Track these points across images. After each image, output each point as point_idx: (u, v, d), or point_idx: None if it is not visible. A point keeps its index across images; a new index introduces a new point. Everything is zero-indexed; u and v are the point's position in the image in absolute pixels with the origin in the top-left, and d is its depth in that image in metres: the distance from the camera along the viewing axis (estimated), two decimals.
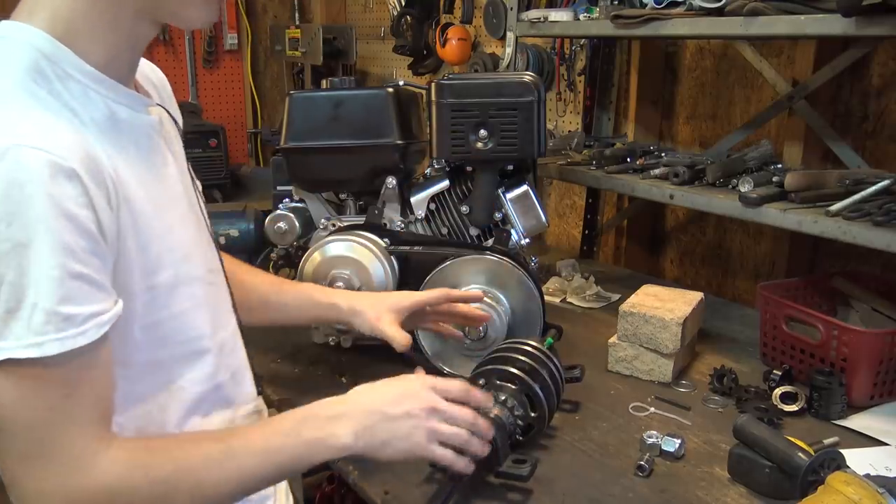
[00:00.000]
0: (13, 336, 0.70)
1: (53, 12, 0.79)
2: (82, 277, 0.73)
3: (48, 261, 0.70)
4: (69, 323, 0.72)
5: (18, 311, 0.70)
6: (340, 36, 3.44)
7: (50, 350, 0.71)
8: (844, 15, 1.24)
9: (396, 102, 1.49)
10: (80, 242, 0.72)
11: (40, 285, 0.70)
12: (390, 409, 0.93)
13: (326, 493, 2.07)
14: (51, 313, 0.71)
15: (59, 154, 0.71)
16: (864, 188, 1.39)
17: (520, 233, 1.49)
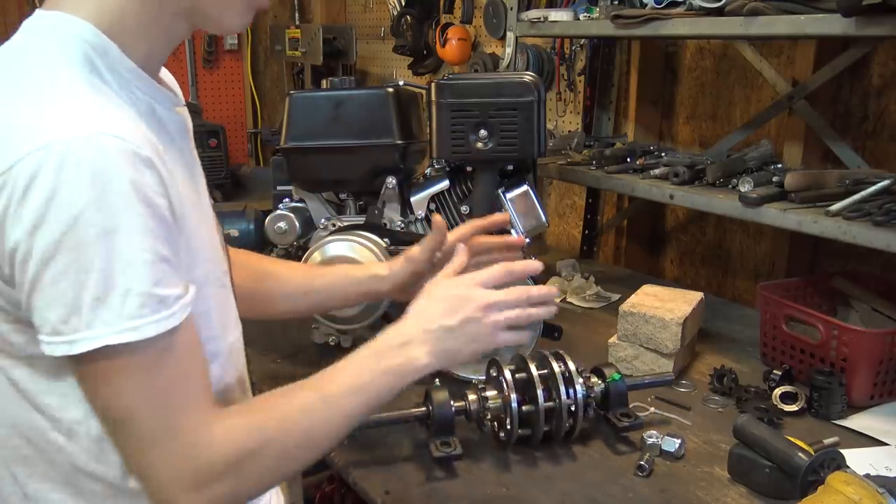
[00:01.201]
0: (103, 323, 0.70)
1: (100, 6, 0.79)
2: (167, 261, 0.74)
3: (139, 244, 0.71)
4: (162, 305, 0.73)
5: (108, 298, 0.70)
6: (340, 36, 3.44)
7: (147, 332, 0.72)
8: (844, 15, 1.24)
9: (396, 102, 1.49)
10: (160, 226, 0.73)
11: (133, 270, 0.70)
12: (450, 321, 0.96)
13: (326, 493, 2.07)
14: (146, 296, 0.71)
15: (135, 143, 0.72)
16: (864, 188, 1.39)
17: (520, 233, 1.49)
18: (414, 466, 1.16)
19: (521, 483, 1.12)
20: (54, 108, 0.72)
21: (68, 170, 0.68)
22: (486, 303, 0.98)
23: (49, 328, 0.71)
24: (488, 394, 1.20)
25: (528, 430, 1.19)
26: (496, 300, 0.99)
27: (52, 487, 0.84)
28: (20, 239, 0.70)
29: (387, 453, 1.20)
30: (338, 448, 1.21)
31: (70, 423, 0.81)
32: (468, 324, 0.97)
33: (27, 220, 0.69)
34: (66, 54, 0.76)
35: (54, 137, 0.69)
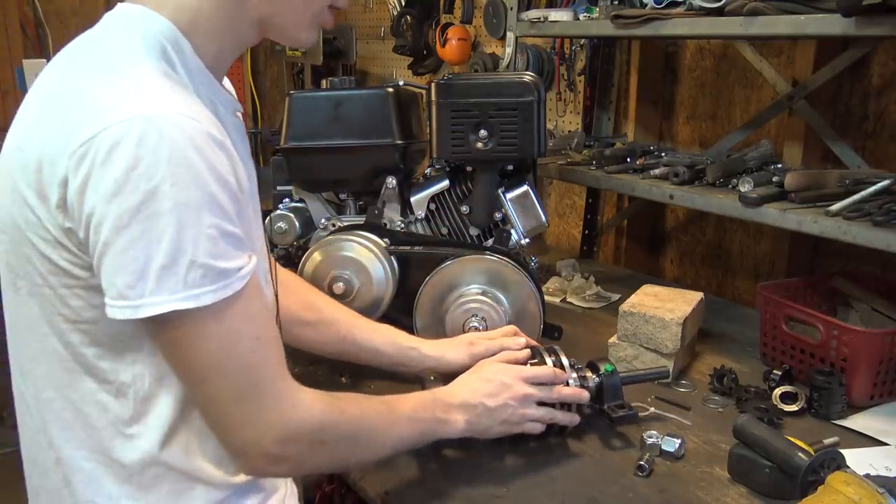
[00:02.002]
0: (167, 290, 0.75)
1: (179, 5, 0.84)
2: (232, 236, 0.79)
3: (206, 220, 0.76)
4: (222, 276, 0.78)
5: (174, 267, 0.75)
6: (340, 36, 3.44)
7: (205, 300, 0.77)
8: (844, 15, 1.24)
9: (396, 102, 1.49)
10: (231, 204, 0.79)
11: (199, 243, 0.75)
12: (491, 402, 1.10)
13: (326, 493, 2.07)
14: (207, 267, 0.76)
15: (209, 125, 0.78)
16: (864, 188, 1.39)
17: (520, 233, 1.50)
18: (414, 466, 1.16)
19: (521, 483, 1.12)
20: (136, 88, 0.77)
21: (149, 143, 0.73)
22: (524, 395, 1.12)
23: (115, 292, 0.76)
24: None
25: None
26: (531, 393, 1.13)
27: (86, 456, 0.87)
28: (97, 204, 0.74)
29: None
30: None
31: (120, 385, 0.85)
32: (504, 409, 1.11)
33: (106, 187, 0.73)
34: (145, 45, 0.82)
35: (137, 112, 0.74)
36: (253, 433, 0.84)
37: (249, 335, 0.82)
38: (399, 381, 1.44)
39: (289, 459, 0.88)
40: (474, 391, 1.10)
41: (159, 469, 0.88)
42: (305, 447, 0.88)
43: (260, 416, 0.84)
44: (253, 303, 0.83)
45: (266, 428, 0.84)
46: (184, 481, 0.90)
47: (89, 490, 0.88)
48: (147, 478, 0.88)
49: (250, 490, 0.97)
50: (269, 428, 0.84)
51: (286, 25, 0.91)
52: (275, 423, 0.85)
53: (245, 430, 0.84)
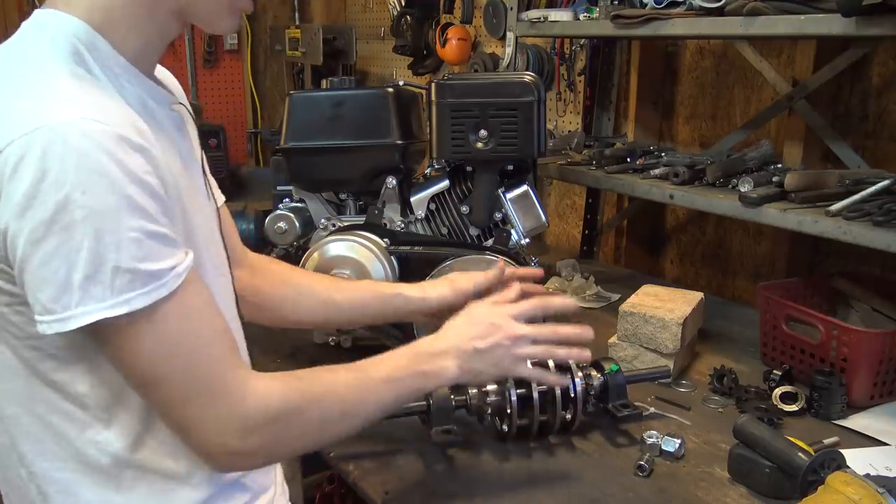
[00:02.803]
0: (94, 299, 0.73)
1: (91, 3, 0.82)
2: (158, 236, 0.77)
3: (126, 224, 0.73)
4: (152, 278, 0.76)
5: (98, 275, 0.73)
6: (340, 36, 3.44)
7: (137, 304, 0.75)
8: (844, 15, 1.24)
9: (396, 102, 1.49)
10: (152, 204, 0.76)
11: (120, 248, 0.73)
12: (481, 344, 1.04)
13: (326, 493, 2.07)
14: (134, 272, 0.74)
15: (121, 127, 0.75)
16: (864, 188, 1.39)
17: (520, 233, 1.49)
18: (414, 466, 1.16)
19: (521, 482, 1.12)
20: (41, 97, 0.75)
21: (54, 153, 0.71)
22: (514, 334, 1.06)
23: (40, 307, 0.74)
24: (489, 387, 1.21)
25: (526, 419, 1.20)
26: (525, 333, 1.06)
27: (59, 466, 0.86)
28: (10, 220, 0.72)
29: (387, 453, 1.20)
30: (338, 447, 1.21)
31: (79, 396, 0.84)
32: (496, 349, 1.05)
33: (16, 203, 0.72)
34: (54, 48, 0.79)
35: (40, 123, 0.72)
36: (211, 432, 0.83)
37: (191, 334, 0.81)
38: None
39: (255, 451, 0.87)
40: (463, 335, 1.05)
41: (135, 471, 0.87)
42: (269, 436, 0.87)
43: (214, 414, 0.82)
44: (193, 300, 0.81)
45: (222, 425, 0.83)
46: (162, 482, 0.89)
47: (66, 500, 0.87)
48: (124, 480, 0.87)
49: (235, 490, 0.96)
50: (225, 424, 0.83)
51: (205, 13, 0.89)
52: (230, 419, 0.83)
53: (202, 430, 0.82)
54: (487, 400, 1.21)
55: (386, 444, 1.22)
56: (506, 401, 1.19)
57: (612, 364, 1.28)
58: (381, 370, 0.99)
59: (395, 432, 1.25)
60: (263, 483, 1.03)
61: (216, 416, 0.82)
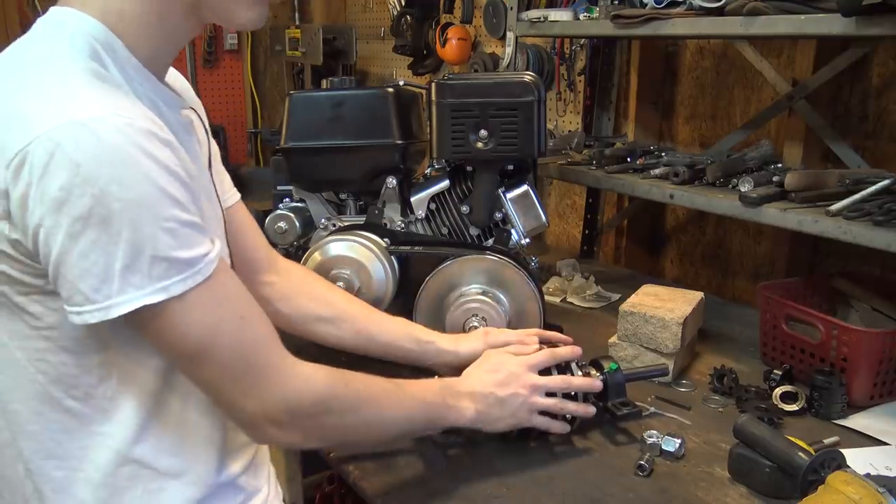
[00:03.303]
0: (134, 287, 0.75)
1: (106, 4, 0.83)
2: (191, 224, 0.79)
3: (161, 214, 0.75)
4: (188, 265, 0.78)
5: (136, 265, 0.75)
6: (340, 36, 3.44)
7: (175, 291, 0.77)
8: (844, 15, 1.24)
9: (396, 102, 1.49)
10: (184, 193, 0.78)
11: (157, 237, 0.75)
12: (500, 392, 1.10)
13: (326, 493, 2.07)
14: (171, 260, 0.77)
15: (147, 122, 0.77)
16: (864, 188, 1.39)
17: (520, 233, 1.49)
18: (414, 466, 1.16)
19: (521, 483, 1.12)
20: (65, 92, 0.76)
21: (87, 148, 0.72)
22: (532, 384, 1.12)
23: (81, 297, 0.75)
24: None
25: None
26: (541, 384, 1.13)
27: (56, 464, 0.87)
28: (45, 215, 0.73)
29: (387, 453, 1.20)
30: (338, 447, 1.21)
31: (87, 388, 0.85)
32: (515, 399, 1.11)
33: (52, 199, 0.72)
34: (72, 46, 0.80)
35: (69, 118, 0.73)
36: (258, 406, 0.86)
37: (232, 316, 0.83)
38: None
39: (298, 428, 0.90)
40: (483, 381, 1.11)
41: (132, 468, 0.88)
42: (312, 417, 0.90)
43: (262, 390, 0.86)
44: (229, 284, 0.85)
45: (271, 399, 0.86)
46: (158, 480, 0.89)
47: (60, 498, 0.87)
48: (120, 479, 0.88)
49: (229, 489, 0.97)
50: (273, 399, 0.86)
51: (222, 5, 0.87)
52: (278, 394, 0.87)
53: (250, 406, 0.85)
54: None
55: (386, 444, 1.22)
56: None
57: (612, 363, 1.28)
58: (416, 390, 1.04)
59: None
60: (257, 484, 1.03)
61: (265, 390, 0.85)
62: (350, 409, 0.95)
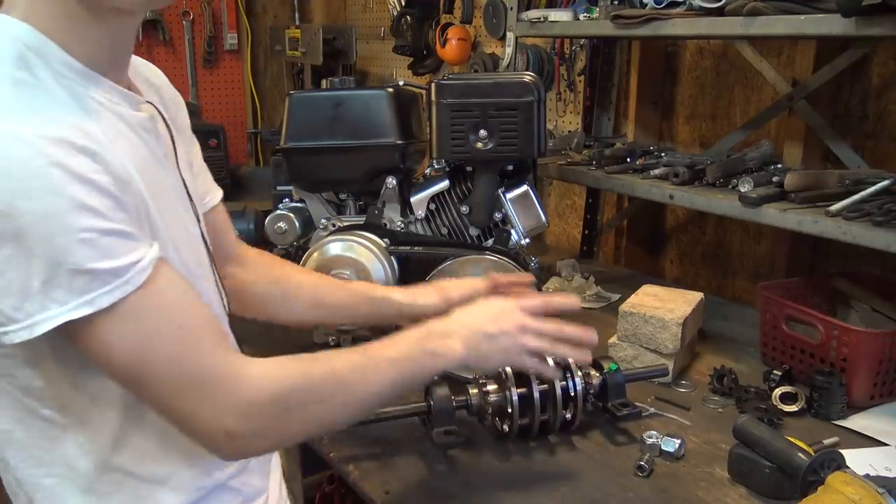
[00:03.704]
0: (56, 303, 0.72)
1: (38, 9, 0.80)
2: (113, 233, 0.75)
3: (77, 224, 0.72)
4: (113, 275, 0.74)
5: (56, 279, 0.72)
6: (340, 36, 3.44)
7: (102, 303, 0.74)
8: (844, 15, 1.24)
9: (396, 102, 1.49)
10: (104, 201, 0.74)
11: (74, 249, 0.72)
12: (490, 328, 1.05)
13: (326, 493, 2.07)
14: (93, 271, 0.73)
15: (62, 130, 0.74)
16: (864, 188, 1.39)
17: (520, 233, 1.49)
18: (414, 466, 1.16)
19: (521, 483, 1.12)
20: None
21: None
22: (523, 323, 1.07)
23: (3, 317, 0.73)
24: (489, 388, 1.21)
25: (527, 419, 1.20)
26: (533, 325, 1.08)
27: (45, 472, 0.86)
28: None
29: (387, 453, 1.20)
30: (338, 447, 1.21)
31: (60, 399, 0.83)
32: (504, 336, 1.05)
33: None
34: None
35: None
36: (208, 420, 0.81)
37: (169, 326, 0.79)
38: None
39: (258, 434, 0.85)
40: (474, 318, 1.07)
41: (116, 475, 0.87)
42: (270, 419, 0.85)
43: (210, 402, 0.81)
44: (166, 292, 0.80)
45: (220, 411, 0.82)
46: (143, 487, 0.88)
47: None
48: (106, 485, 0.87)
49: (222, 493, 0.96)
50: (223, 410, 0.82)
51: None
52: (227, 405, 0.82)
53: (201, 420, 0.81)
54: (488, 400, 1.21)
55: (386, 444, 1.23)
56: (507, 401, 1.19)
57: (611, 363, 1.28)
58: (387, 350, 0.98)
59: (395, 432, 1.25)
60: (258, 486, 1.02)
61: (212, 403, 0.81)
62: (314, 399, 0.89)
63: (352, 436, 1.24)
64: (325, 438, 1.23)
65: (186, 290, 0.83)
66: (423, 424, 1.25)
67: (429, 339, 1.01)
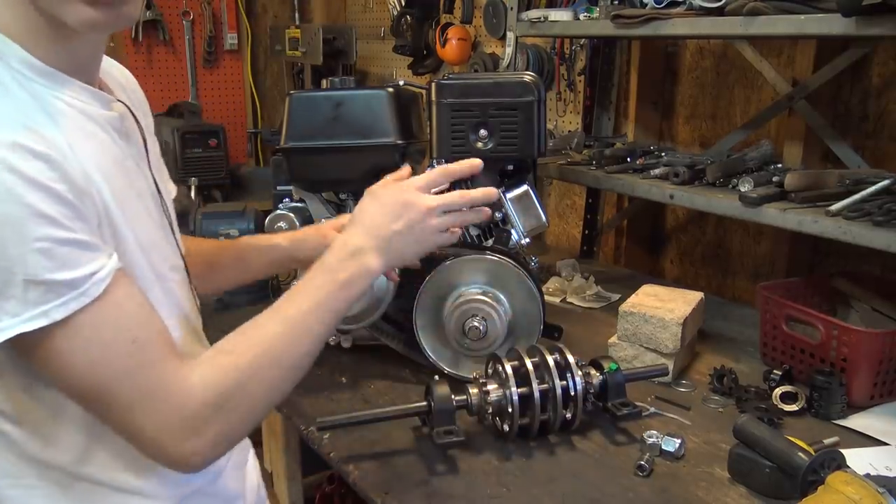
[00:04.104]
0: (8, 315, 0.71)
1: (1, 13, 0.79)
2: (70, 242, 0.73)
3: (31, 234, 0.71)
4: (69, 287, 0.73)
5: (9, 290, 0.71)
6: (340, 36, 3.44)
7: (56, 315, 0.73)
8: (844, 15, 1.24)
9: (396, 102, 1.49)
10: (61, 209, 0.73)
11: (28, 260, 0.71)
12: (395, 225, 1.03)
13: (326, 493, 2.07)
14: (48, 283, 0.72)
15: (18, 135, 0.72)
16: (864, 188, 1.39)
17: (520, 233, 1.49)
18: (414, 467, 1.16)
19: (521, 483, 1.12)
20: None
21: None
22: (427, 207, 1.05)
23: None
24: (489, 387, 1.21)
25: (527, 418, 1.20)
26: (437, 203, 1.06)
27: (10, 483, 0.85)
28: None
29: (387, 453, 1.20)
30: (338, 447, 1.21)
31: (13, 413, 0.82)
32: (413, 227, 1.04)
33: None
34: None
35: None
36: (161, 435, 0.81)
37: (124, 339, 0.78)
38: (399, 381, 1.45)
39: (212, 441, 0.84)
40: (377, 222, 1.03)
41: (86, 485, 0.86)
42: (220, 423, 0.84)
43: (160, 417, 0.80)
44: (124, 304, 0.79)
45: (171, 426, 0.81)
46: (118, 496, 0.88)
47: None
48: (78, 494, 0.86)
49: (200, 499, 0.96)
50: (174, 425, 0.81)
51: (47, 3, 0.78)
52: (176, 419, 0.81)
53: (152, 435, 0.80)
54: (488, 399, 1.21)
55: (386, 444, 1.22)
56: (507, 400, 1.19)
57: (611, 363, 1.28)
58: (302, 302, 0.94)
59: (395, 432, 1.25)
60: (235, 490, 1.02)
61: (163, 418, 0.80)
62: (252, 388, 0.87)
63: (352, 436, 1.24)
64: (325, 438, 1.23)
65: (143, 302, 0.82)
66: (423, 424, 1.25)
67: (338, 268, 0.97)
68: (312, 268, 0.98)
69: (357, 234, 1.02)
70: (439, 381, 1.22)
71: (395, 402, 1.35)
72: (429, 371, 1.43)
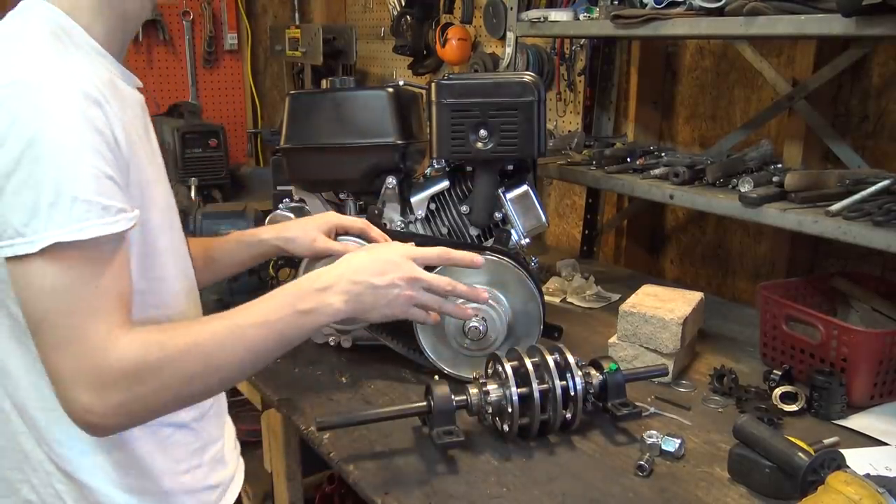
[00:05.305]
0: (55, 224, 0.80)
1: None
2: (112, 179, 0.84)
3: (85, 160, 0.82)
4: (106, 212, 0.83)
5: (59, 202, 0.80)
6: (340, 36, 3.44)
7: (91, 233, 0.82)
8: (844, 15, 1.24)
9: (396, 102, 1.49)
10: (108, 153, 0.84)
11: (79, 180, 0.81)
12: (376, 280, 1.04)
13: (326, 493, 2.07)
14: (91, 203, 0.82)
15: (85, 84, 0.84)
16: (864, 188, 1.39)
17: (520, 233, 1.49)
18: (414, 467, 1.16)
19: (521, 483, 1.12)
20: (17, 56, 0.85)
21: (26, 102, 0.81)
22: (411, 276, 1.06)
23: (12, 231, 0.81)
24: (489, 387, 1.21)
25: (527, 418, 1.20)
26: (422, 277, 1.08)
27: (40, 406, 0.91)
28: None
29: (387, 453, 1.20)
30: (338, 447, 1.21)
31: None
32: (390, 288, 1.05)
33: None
34: (35, 27, 0.89)
35: (16, 77, 0.82)
36: (68, 382, 0.83)
37: (92, 280, 0.84)
38: (399, 381, 1.45)
39: (112, 409, 0.85)
40: (358, 269, 1.04)
41: None
42: (125, 393, 0.85)
43: (72, 364, 0.83)
44: (123, 252, 0.87)
45: (78, 376, 0.83)
46: None
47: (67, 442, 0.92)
48: None
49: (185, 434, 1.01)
50: (81, 376, 0.83)
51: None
52: (86, 371, 0.83)
53: (61, 380, 0.84)
54: (488, 400, 1.21)
55: (386, 444, 1.23)
56: (507, 400, 1.19)
57: (611, 363, 1.28)
58: (255, 315, 0.96)
59: (395, 432, 1.25)
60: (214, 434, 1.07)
61: (76, 366, 0.83)
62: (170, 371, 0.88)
63: (352, 436, 1.24)
64: (325, 438, 1.23)
65: (126, 263, 0.89)
66: (423, 424, 1.25)
67: (303, 297, 0.99)
68: (281, 287, 1.01)
69: (333, 273, 1.03)
70: (439, 381, 1.22)
71: (395, 402, 1.35)
72: (429, 371, 1.43)
